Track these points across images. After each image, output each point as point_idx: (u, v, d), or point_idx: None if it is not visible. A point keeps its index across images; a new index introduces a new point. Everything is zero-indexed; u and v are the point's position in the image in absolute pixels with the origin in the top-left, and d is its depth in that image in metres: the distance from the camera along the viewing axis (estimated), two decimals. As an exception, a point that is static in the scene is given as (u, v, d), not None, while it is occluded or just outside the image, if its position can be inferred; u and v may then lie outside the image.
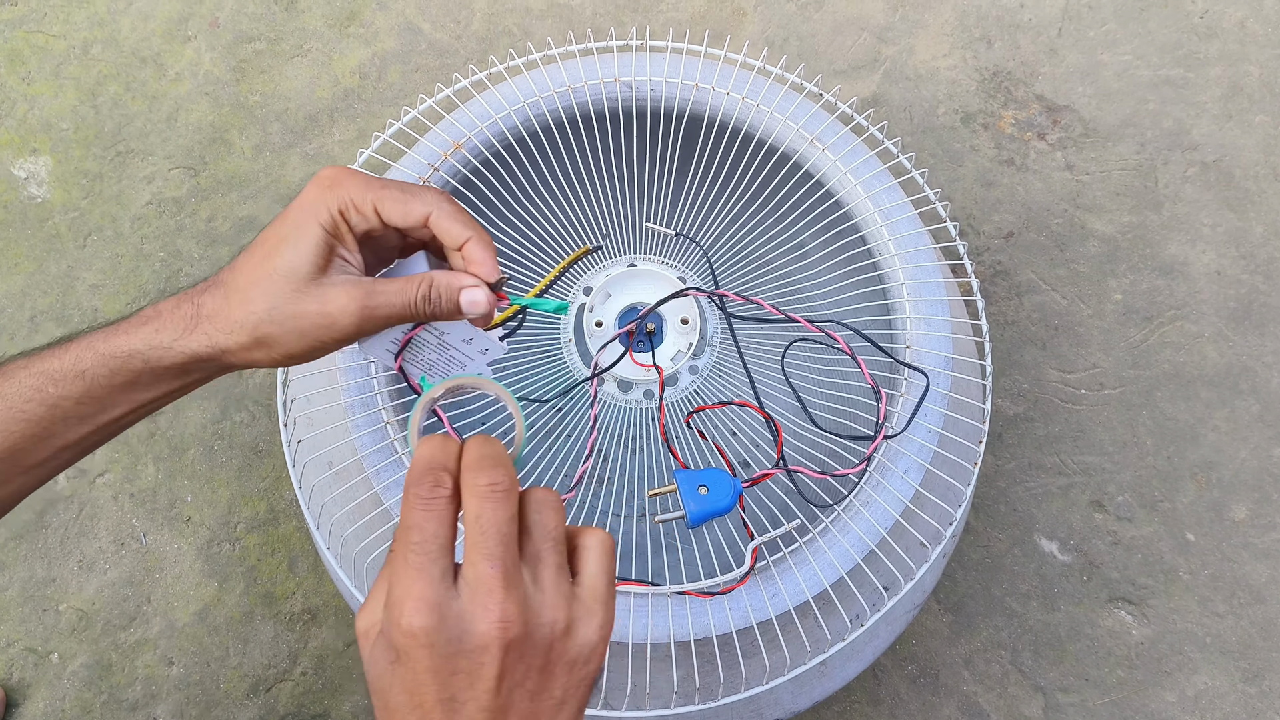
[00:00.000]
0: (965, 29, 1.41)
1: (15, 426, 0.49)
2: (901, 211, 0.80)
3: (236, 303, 0.48)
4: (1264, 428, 1.21)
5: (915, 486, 0.73)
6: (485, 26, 1.43)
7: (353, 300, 0.48)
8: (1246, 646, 1.13)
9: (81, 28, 1.42)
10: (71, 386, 0.49)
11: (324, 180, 0.48)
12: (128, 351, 0.49)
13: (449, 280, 0.49)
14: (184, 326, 0.49)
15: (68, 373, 0.49)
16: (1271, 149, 1.33)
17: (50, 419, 0.50)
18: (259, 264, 0.48)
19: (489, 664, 0.38)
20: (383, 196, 0.48)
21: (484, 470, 0.40)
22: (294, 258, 0.47)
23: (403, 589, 0.38)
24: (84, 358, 0.49)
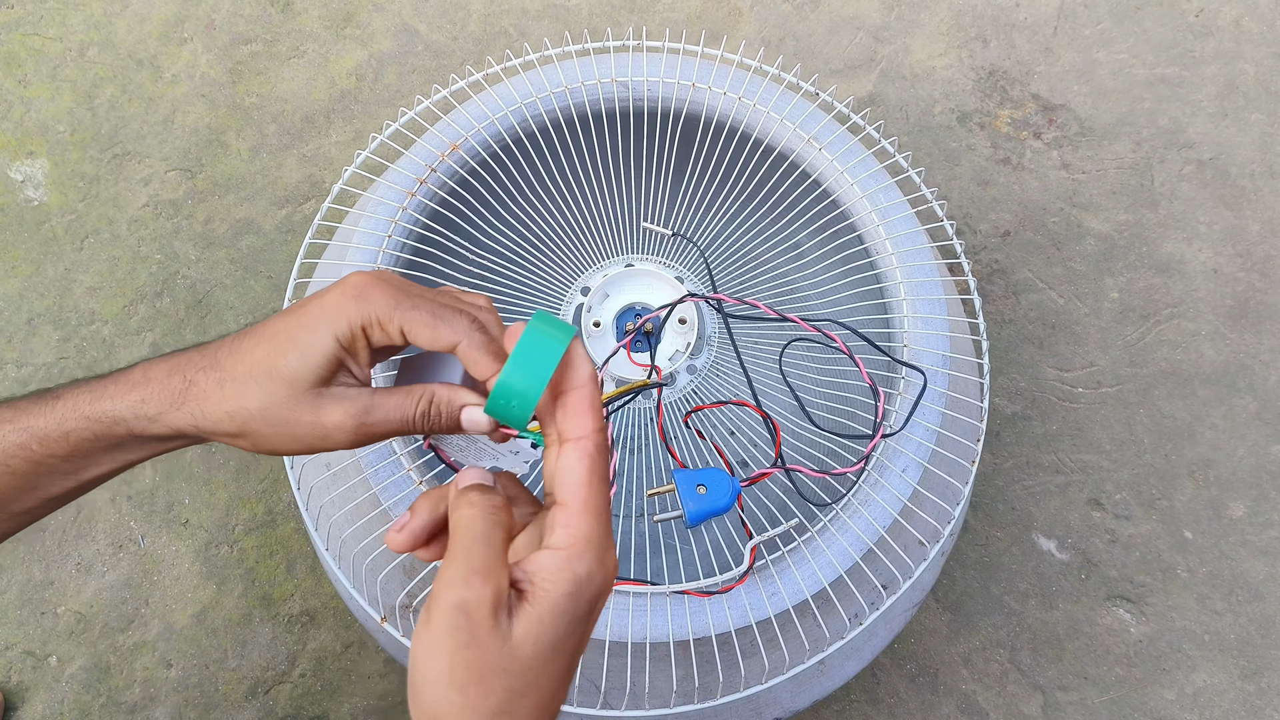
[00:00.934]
0: (961, 28, 1.42)
1: (1, 479, 0.49)
2: (898, 211, 0.80)
3: (230, 394, 0.46)
4: (1261, 425, 1.21)
5: (914, 485, 0.73)
6: (482, 27, 1.43)
7: (349, 417, 0.46)
8: (1245, 644, 1.13)
9: (78, 30, 1.42)
10: (56, 446, 0.48)
11: (351, 289, 0.45)
12: (113, 418, 0.47)
13: (450, 396, 0.47)
14: (171, 401, 0.47)
15: (52, 433, 0.48)
16: (1267, 146, 1.33)
17: (35, 474, 0.49)
18: (261, 359, 0.46)
19: (597, 608, 0.41)
20: (411, 319, 0.45)
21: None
22: (299, 364, 0.45)
23: (607, 541, 0.40)
24: (69, 419, 0.47)
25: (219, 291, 1.29)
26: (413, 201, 0.79)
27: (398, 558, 0.73)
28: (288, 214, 1.33)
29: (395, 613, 0.74)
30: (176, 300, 1.28)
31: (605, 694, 0.73)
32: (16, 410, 0.49)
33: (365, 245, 0.78)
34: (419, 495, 0.46)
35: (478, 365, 0.45)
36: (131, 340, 1.27)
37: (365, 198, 0.85)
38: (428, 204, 0.80)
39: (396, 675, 1.13)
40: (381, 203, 0.79)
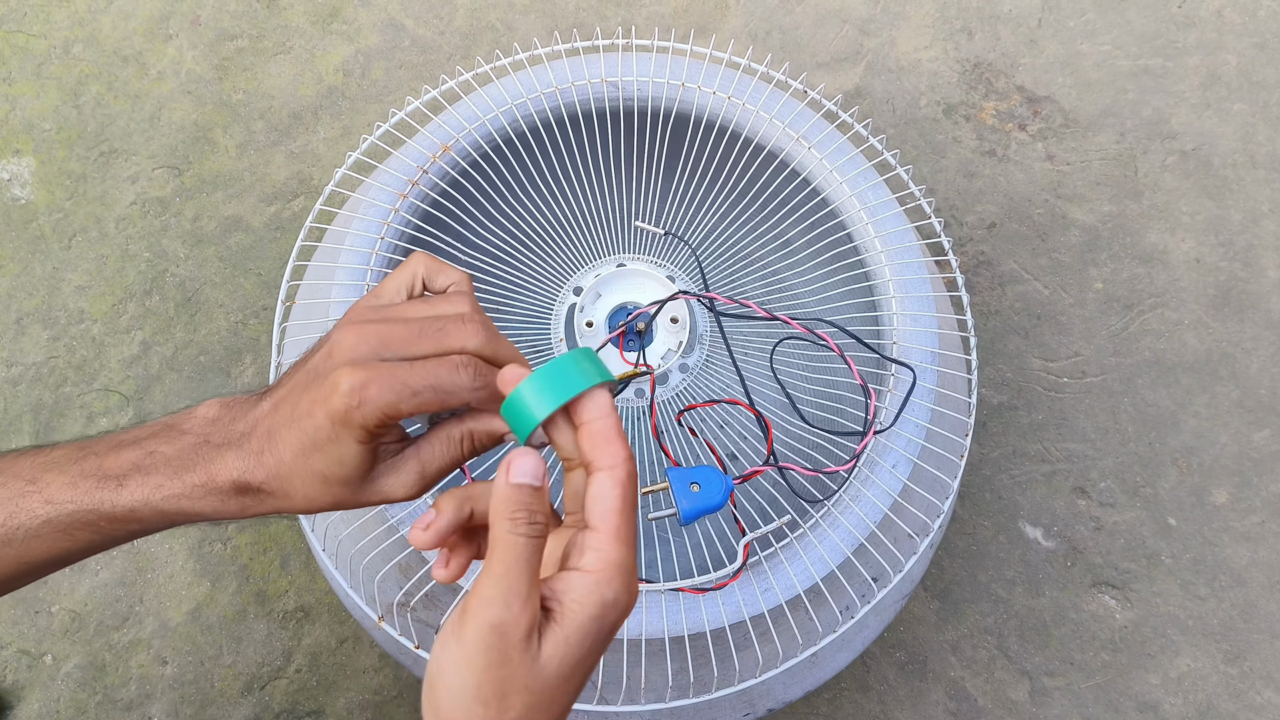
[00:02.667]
0: (946, 20, 1.42)
1: (62, 545, 0.49)
2: (887, 208, 0.81)
3: (300, 500, 0.47)
4: (1243, 413, 1.23)
5: (903, 480, 0.74)
6: (468, 22, 1.43)
7: (408, 486, 0.47)
8: (1228, 628, 1.15)
9: (62, 27, 1.41)
10: (125, 526, 0.49)
11: (346, 396, 0.44)
12: (176, 510, 0.48)
13: (488, 429, 0.48)
14: (250, 504, 0.48)
15: (121, 518, 0.48)
16: (1249, 137, 1.35)
17: (100, 542, 0.50)
18: (309, 460, 0.46)
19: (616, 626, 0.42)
20: (415, 404, 0.44)
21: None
22: (343, 471, 0.45)
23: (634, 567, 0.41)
24: (140, 511, 0.48)
25: (208, 289, 1.29)
26: (404, 203, 0.80)
27: (395, 557, 0.73)
28: (276, 211, 1.33)
29: (392, 611, 0.75)
30: (166, 298, 1.28)
31: (601, 689, 0.74)
32: (77, 490, 0.48)
33: (358, 247, 0.78)
34: (443, 493, 0.46)
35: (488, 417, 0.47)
36: (121, 339, 1.27)
37: (356, 199, 0.85)
38: (419, 205, 0.81)
39: (391, 670, 1.14)
40: (373, 204, 0.80)
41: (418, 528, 0.45)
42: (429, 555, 0.73)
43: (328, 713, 1.12)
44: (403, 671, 1.13)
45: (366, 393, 0.43)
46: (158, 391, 1.24)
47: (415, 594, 0.72)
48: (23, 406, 1.23)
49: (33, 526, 0.48)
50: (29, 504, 0.48)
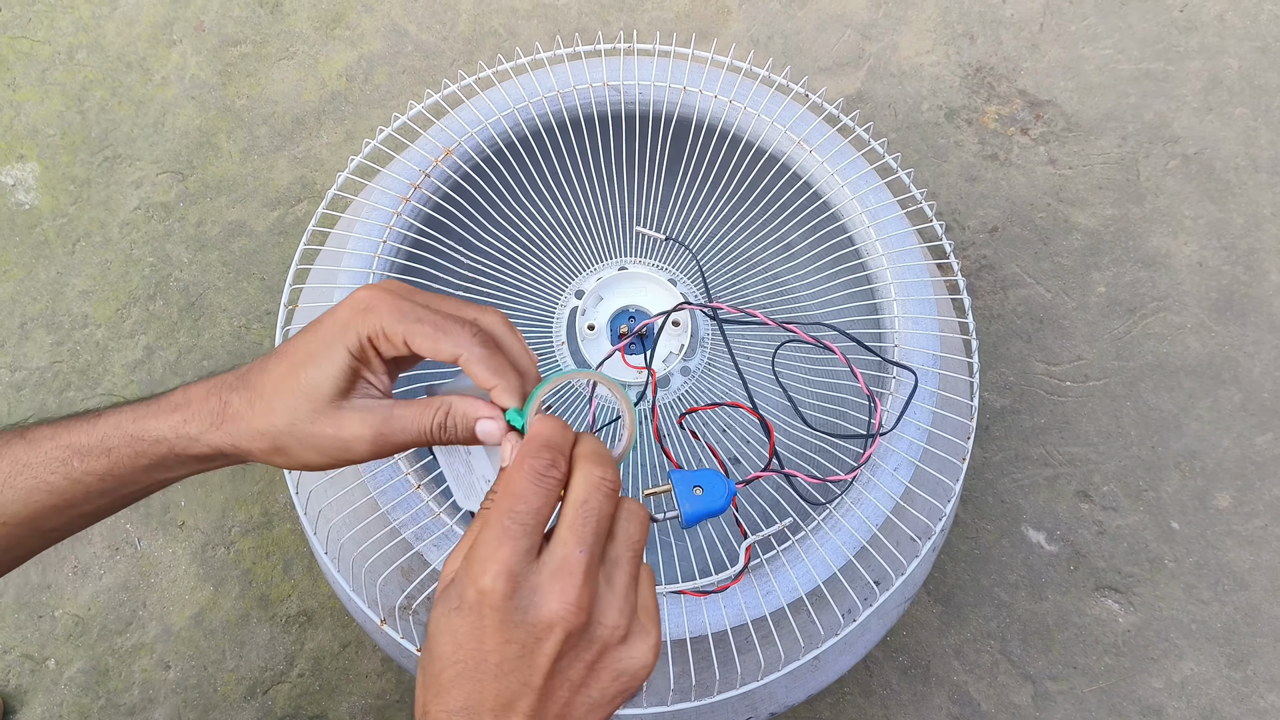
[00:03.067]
0: (948, 25, 1.43)
1: (37, 496, 0.50)
2: (888, 212, 0.81)
3: (260, 411, 0.48)
4: (1246, 416, 1.23)
5: (905, 484, 0.74)
6: (471, 27, 1.43)
7: (368, 428, 0.47)
8: (1231, 632, 1.15)
9: (66, 33, 1.42)
10: (96, 463, 0.49)
11: (359, 303, 0.48)
12: (155, 437, 0.49)
13: (465, 409, 0.48)
14: (210, 421, 0.49)
15: (94, 449, 0.49)
16: (1251, 141, 1.35)
17: (72, 491, 0.50)
18: (285, 375, 0.48)
19: (548, 644, 0.40)
20: (414, 331, 0.47)
21: (601, 464, 0.43)
22: (318, 377, 0.47)
23: (489, 550, 0.40)
24: (111, 436, 0.49)
25: (212, 294, 1.29)
26: (407, 207, 0.80)
27: (397, 560, 0.73)
28: (280, 216, 1.33)
29: (395, 615, 0.75)
30: (170, 303, 1.29)
31: (603, 692, 0.74)
32: (57, 428, 0.51)
33: (360, 251, 0.78)
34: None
35: (478, 378, 0.47)
36: (125, 343, 1.27)
37: (358, 203, 0.86)
38: (422, 209, 0.81)
39: (394, 674, 1.14)
40: (376, 209, 0.80)
41: None
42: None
43: (330, 717, 1.12)
44: (405, 675, 1.14)
45: (375, 304, 0.46)
46: (161, 396, 1.25)
47: (417, 597, 0.73)
48: (26, 411, 1.24)
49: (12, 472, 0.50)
50: (12, 449, 0.50)
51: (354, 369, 0.47)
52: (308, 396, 0.47)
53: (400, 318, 0.46)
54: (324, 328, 0.48)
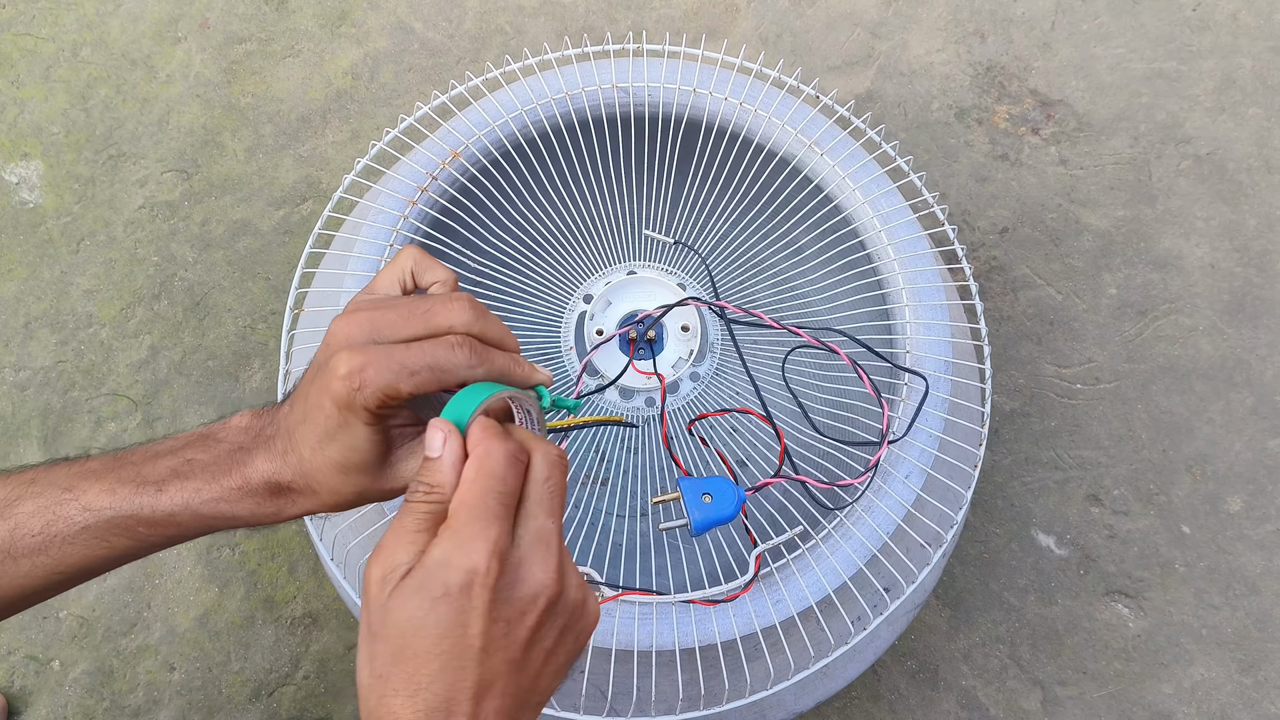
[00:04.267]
0: (958, 23, 1.41)
1: (98, 553, 0.49)
2: (900, 216, 0.80)
3: (326, 493, 0.47)
4: (1258, 420, 1.22)
5: (916, 491, 0.73)
6: (478, 25, 1.43)
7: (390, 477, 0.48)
8: (1242, 637, 1.14)
9: (70, 30, 1.41)
10: (163, 530, 0.49)
11: (348, 379, 0.44)
12: (229, 518, 0.48)
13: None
14: (280, 504, 0.48)
15: (160, 522, 0.48)
16: (1264, 141, 1.34)
17: (135, 549, 0.50)
18: (332, 462, 0.46)
19: (531, 616, 0.41)
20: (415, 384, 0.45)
21: (550, 443, 0.45)
22: (360, 458, 0.46)
23: (477, 530, 0.40)
24: (179, 515, 0.48)
25: (217, 293, 1.29)
26: (414, 210, 0.79)
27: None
28: (285, 215, 1.33)
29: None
30: (174, 302, 1.28)
31: (611, 701, 0.73)
32: (115, 497, 0.48)
33: (368, 255, 0.77)
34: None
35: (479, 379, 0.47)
36: (130, 343, 1.26)
37: (365, 205, 0.85)
38: (429, 212, 0.80)
39: (400, 676, 1.13)
40: (383, 211, 0.79)
41: None
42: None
43: (335, 719, 1.12)
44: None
45: (365, 375, 0.44)
46: (166, 396, 1.24)
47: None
48: (31, 411, 1.23)
49: (70, 534, 0.48)
50: (66, 511, 0.48)
51: (380, 433, 0.46)
52: (359, 470, 0.46)
53: (394, 377, 0.44)
54: (326, 407, 0.45)
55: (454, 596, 0.39)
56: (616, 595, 0.70)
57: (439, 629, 0.39)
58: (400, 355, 0.45)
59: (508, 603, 0.40)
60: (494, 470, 0.42)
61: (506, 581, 0.40)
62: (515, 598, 0.40)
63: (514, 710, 0.41)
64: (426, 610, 0.39)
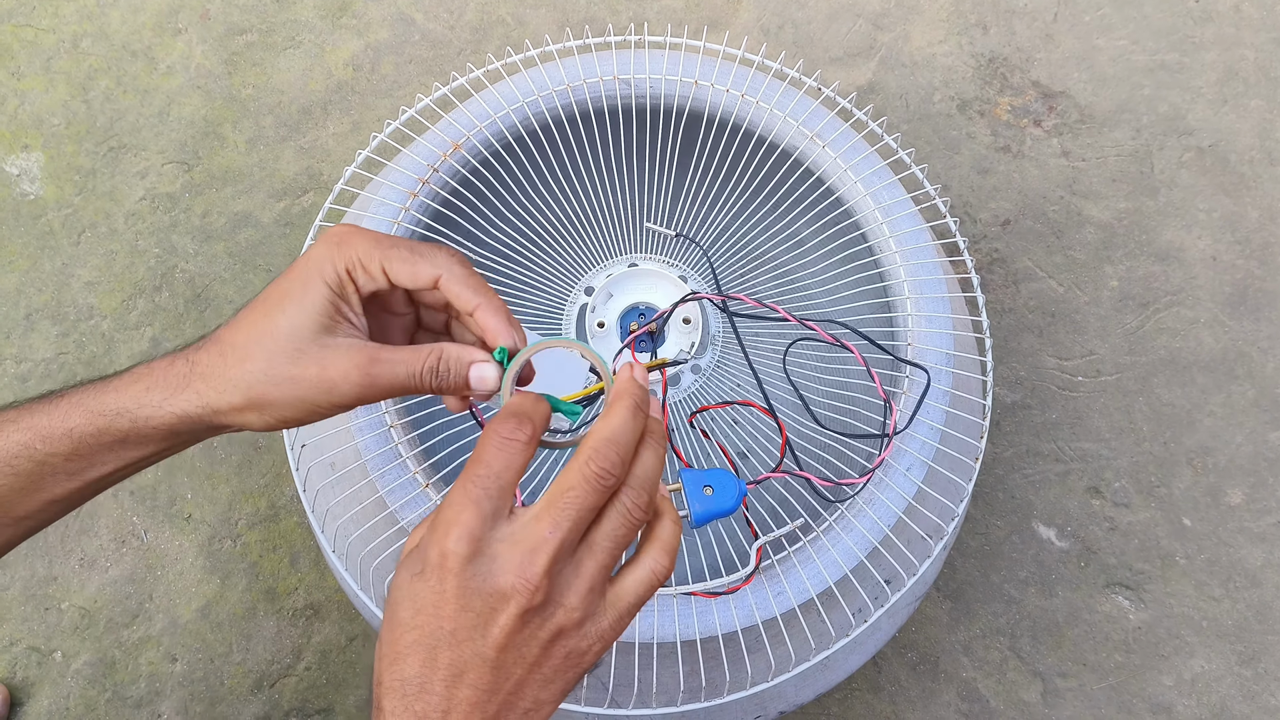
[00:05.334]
0: (961, 15, 1.41)
1: (3, 479, 0.48)
2: (902, 208, 0.80)
3: (232, 360, 0.46)
4: (1259, 412, 1.22)
5: (918, 484, 0.73)
6: (479, 16, 1.42)
7: (355, 366, 0.45)
8: (1242, 630, 1.14)
9: (71, 21, 1.41)
10: (59, 444, 0.48)
11: (331, 237, 0.46)
12: (115, 409, 0.47)
13: (459, 354, 0.47)
14: (176, 385, 0.47)
15: (55, 430, 0.47)
16: (1267, 133, 1.33)
17: (39, 474, 0.48)
18: (259, 320, 0.46)
19: (503, 616, 0.40)
20: (391, 256, 0.46)
21: (602, 456, 0.42)
22: (297, 315, 0.45)
23: (453, 513, 0.40)
24: (72, 415, 0.47)
25: (218, 285, 1.29)
26: (415, 202, 0.79)
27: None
28: (286, 206, 1.33)
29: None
30: (175, 294, 1.28)
31: (613, 692, 0.73)
32: (20, 410, 0.49)
33: (368, 246, 0.77)
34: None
35: (461, 297, 0.46)
36: (131, 335, 1.26)
37: (365, 197, 0.85)
38: (430, 204, 0.80)
39: (401, 668, 1.13)
40: (384, 203, 0.79)
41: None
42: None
43: (337, 711, 1.12)
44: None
45: (348, 236, 0.45)
46: (167, 388, 1.24)
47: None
48: (33, 402, 1.23)
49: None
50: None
51: (333, 303, 0.45)
52: (287, 337, 0.45)
53: (375, 245, 0.45)
54: (297, 267, 0.46)
55: (429, 575, 0.40)
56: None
57: (415, 604, 0.40)
58: (385, 236, 0.46)
59: (476, 593, 0.40)
60: (479, 454, 0.42)
61: (477, 570, 0.40)
62: (483, 590, 0.40)
63: (491, 708, 0.41)
64: (409, 586, 0.40)
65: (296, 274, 0.46)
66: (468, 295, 0.46)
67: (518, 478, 0.42)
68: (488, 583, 0.40)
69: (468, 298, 0.46)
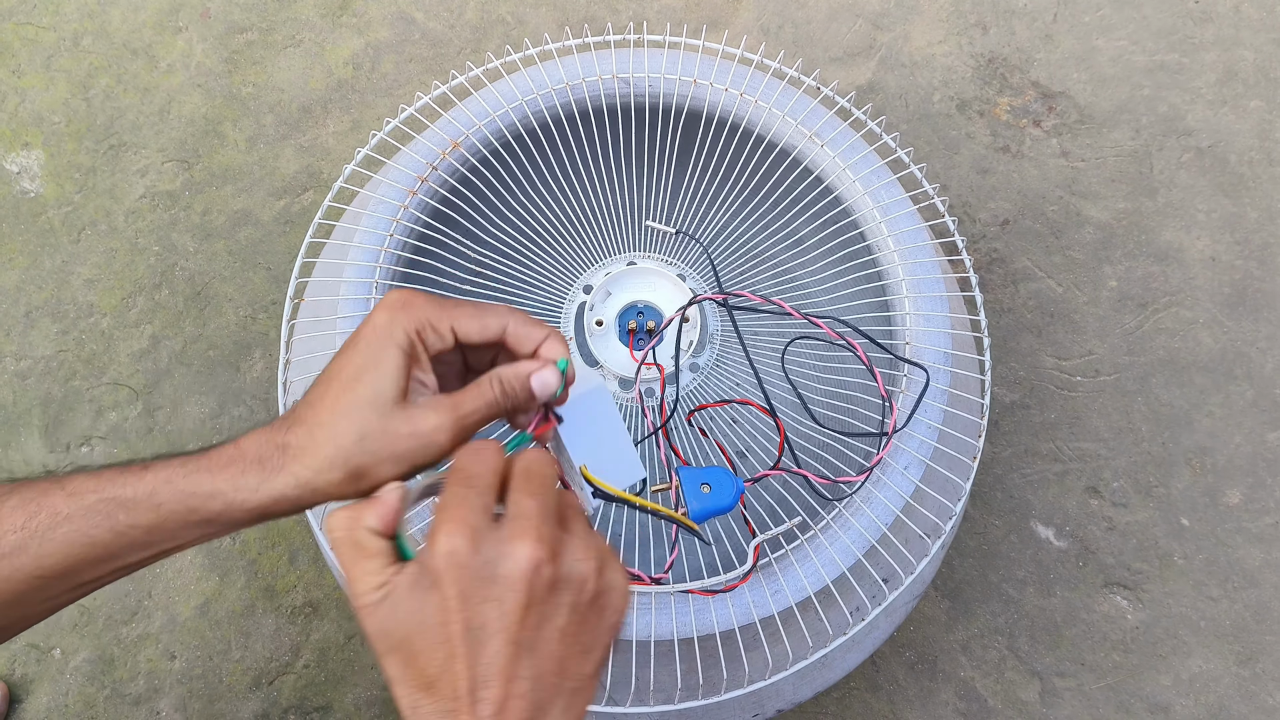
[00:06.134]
0: (960, 15, 1.41)
1: (78, 549, 0.47)
2: (900, 208, 0.80)
3: (323, 439, 0.46)
4: (1258, 413, 1.22)
5: (915, 482, 0.73)
6: (479, 15, 1.42)
7: (445, 417, 0.46)
8: (1240, 630, 1.14)
9: (71, 19, 1.41)
10: (144, 517, 0.47)
11: (394, 304, 0.47)
12: (209, 492, 0.46)
13: (514, 370, 0.48)
14: (271, 468, 0.46)
15: (141, 504, 0.47)
16: (1266, 134, 1.33)
17: (116, 545, 0.47)
18: (341, 395, 0.46)
19: (521, 590, 0.39)
20: (458, 315, 0.47)
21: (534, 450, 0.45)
22: (378, 383, 0.46)
23: (444, 515, 0.41)
24: (161, 492, 0.46)
25: (218, 283, 1.29)
26: (414, 200, 0.79)
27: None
28: (286, 205, 1.33)
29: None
30: (175, 292, 1.28)
31: (610, 690, 0.73)
32: (100, 479, 0.48)
33: (367, 244, 0.78)
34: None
35: (528, 339, 0.48)
36: (131, 333, 1.27)
37: (365, 195, 0.85)
38: (429, 202, 0.80)
39: (400, 666, 1.13)
40: (383, 201, 0.79)
41: None
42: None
43: (336, 708, 1.12)
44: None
45: (411, 300, 0.47)
46: (167, 386, 1.24)
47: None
48: (32, 400, 1.23)
49: (51, 525, 0.47)
50: (50, 500, 0.47)
51: (408, 367, 0.46)
52: (372, 406, 0.45)
53: (440, 307, 0.47)
54: (365, 337, 0.47)
55: (435, 583, 0.39)
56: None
57: (434, 619, 0.39)
58: (449, 300, 0.48)
59: (492, 580, 0.39)
60: (457, 464, 0.43)
61: (484, 559, 0.39)
62: (499, 575, 0.39)
63: (539, 695, 0.40)
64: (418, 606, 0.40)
65: (366, 344, 0.47)
66: (535, 334, 0.49)
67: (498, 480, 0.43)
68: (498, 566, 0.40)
69: (535, 336, 0.49)
